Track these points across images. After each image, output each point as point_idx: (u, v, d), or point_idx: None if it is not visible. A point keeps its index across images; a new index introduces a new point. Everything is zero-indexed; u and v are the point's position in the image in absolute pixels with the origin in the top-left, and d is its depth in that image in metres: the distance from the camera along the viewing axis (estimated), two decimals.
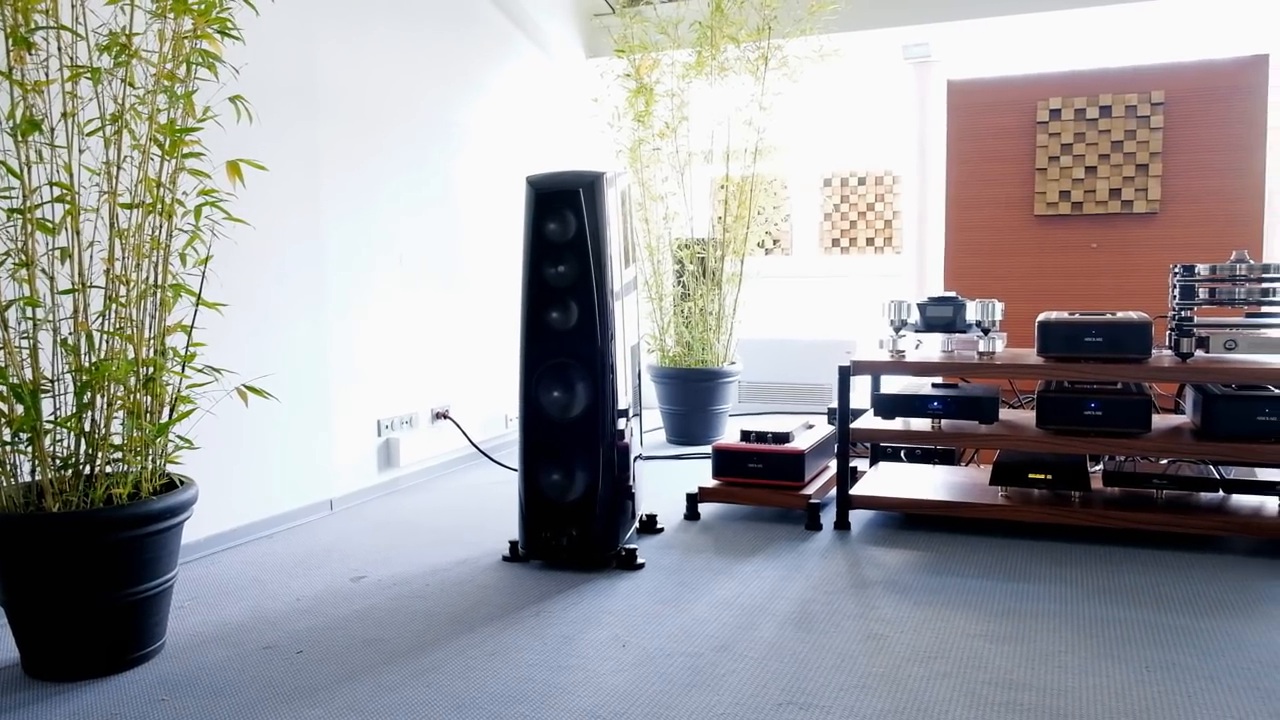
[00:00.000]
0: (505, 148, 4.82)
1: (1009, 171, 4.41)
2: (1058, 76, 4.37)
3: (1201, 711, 1.95)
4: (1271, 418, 2.95)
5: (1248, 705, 1.98)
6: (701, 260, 5.08)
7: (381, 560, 3.08)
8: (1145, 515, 3.11)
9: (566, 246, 2.90)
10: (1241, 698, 2.01)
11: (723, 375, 5.00)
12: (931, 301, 3.35)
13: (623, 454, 2.99)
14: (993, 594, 2.68)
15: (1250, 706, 1.97)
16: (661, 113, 5.05)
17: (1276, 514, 3.07)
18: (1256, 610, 2.53)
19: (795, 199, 6.34)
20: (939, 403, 3.29)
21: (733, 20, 4.79)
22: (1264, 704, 1.98)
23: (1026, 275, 4.38)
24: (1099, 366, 3.10)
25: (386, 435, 4.00)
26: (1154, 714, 1.94)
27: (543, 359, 2.94)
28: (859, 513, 3.47)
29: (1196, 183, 4.16)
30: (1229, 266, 3.09)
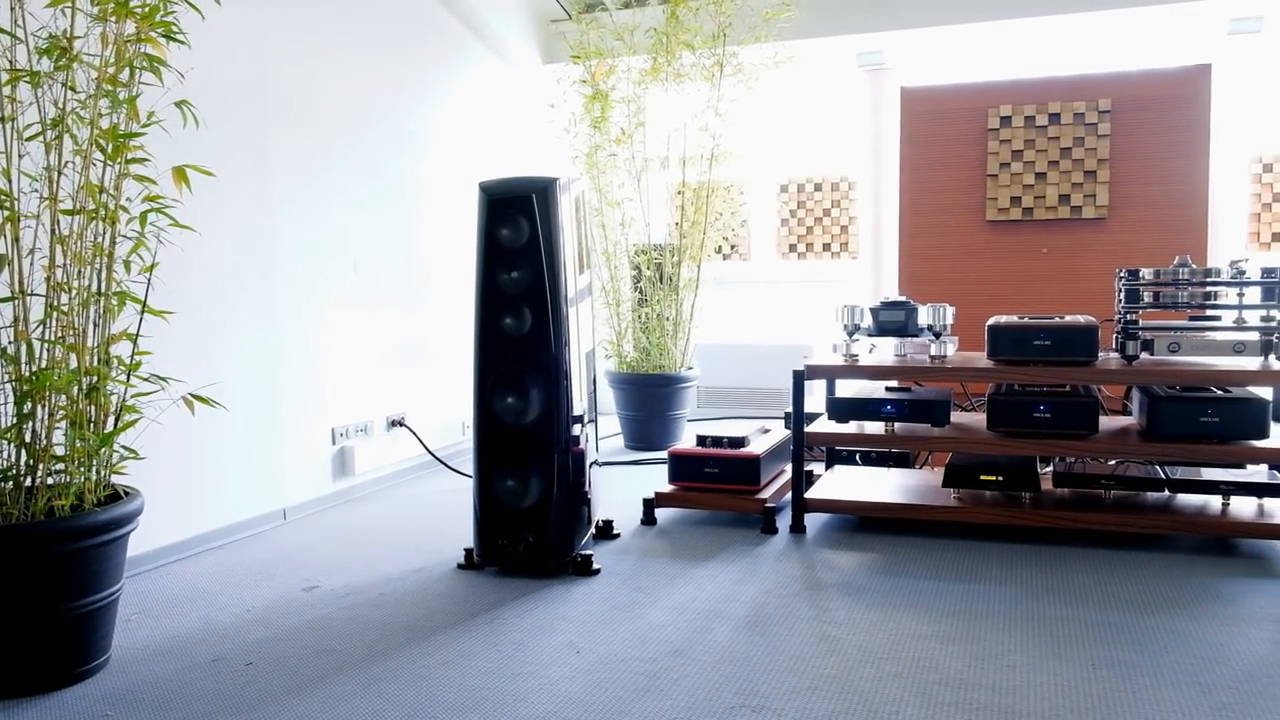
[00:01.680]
0: (462, 154, 4.80)
1: (961, 177, 4.47)
2: (1008, 84, 4.44)
3: (1145, 707, 1.98)
4: (1213, 418, 3.01)
5: (1190, 700, 2.01)
6: (658, 266, 5.09)
7: (335, 569, 3.05)
8: (1094, 515, 3.16)
9: (519, 252, 2.89)
10: (1184, 693, 2.05)
11: (680, 380, 5.01)
12: (884, 306, 3.39)
13: (578, 460, 2.98)
14: (945, 595, 2.71)
15: (1192, 701, 2.01)
16: (618, 119, 5.06)
17: (1219, 513, 3.14)
18: (1200, 607, 2.58)
19: (752, 204, 6.37)
20: (892, 406, 3.32)
21: (688, 27, 4.81)
22: (1205, 698, 2.02)
23: (979, 280, 4.44)
24: (1047, 369, 3.14)
25: (341, 443, 3.96)
26: (1099, 710, 1.97)
27: (496, 365, 2.93)
28: (814, 516, 3.50)
29: (1143, 189, 4.25)
30: (1172, 271, 3.15)
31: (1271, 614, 2.52)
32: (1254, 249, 5.55)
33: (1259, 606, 2.58)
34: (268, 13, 3.55)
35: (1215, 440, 3.04)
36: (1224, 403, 3.02)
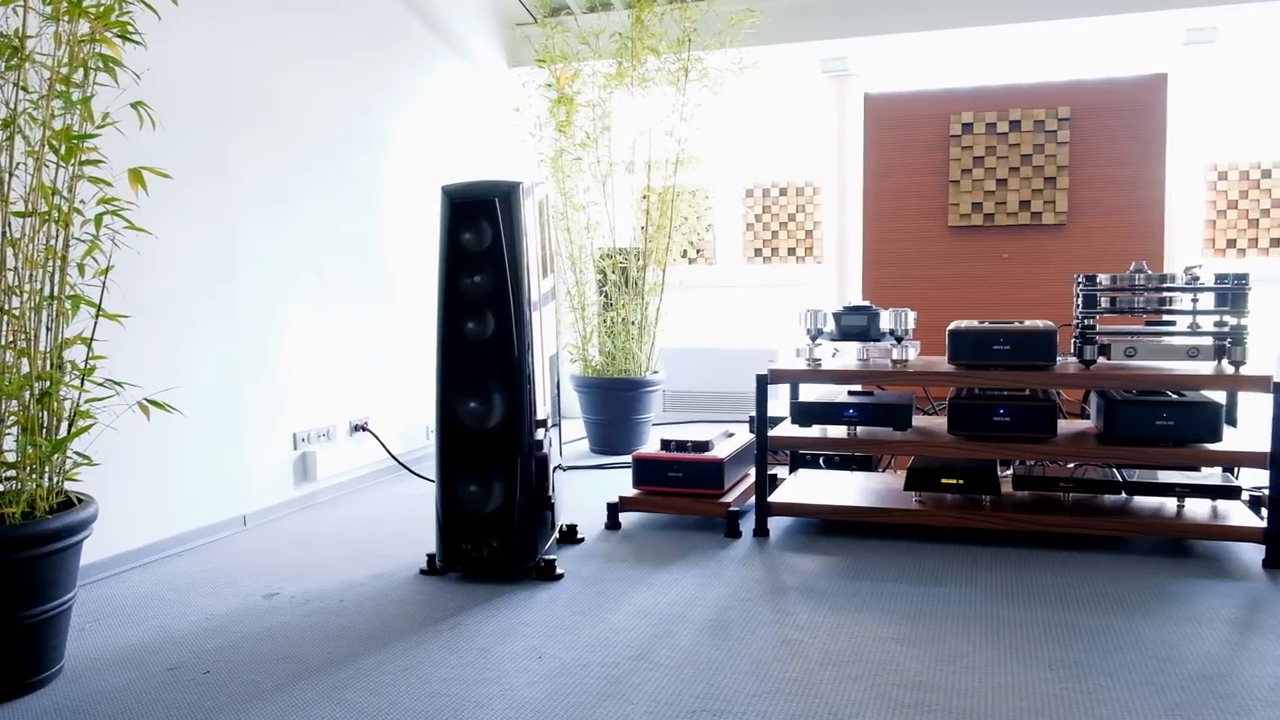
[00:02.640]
0: (427, 157, 4.78)
1: (924, 183, 4.50)
2: (970, 91, 4.48)
3: (1100, 707, 2.01)
4: (1169, 422, 3.06)
5: (1144, 700, 2.04)
6: (624, 270, 5.09)
7: (295, 576, 3.02)
8: (1053, 518, 3.19)
9: (483, 256, 2.88)
10: (1138, 692, 2.08)
11: (645, 385, 5.01)
12: (847, 310, 3.41)
13: (541, 464, 2.98)
14: (906, 597, 2.73)
15: (1146, 701, 2.04)
16: (583, 123, 5.06)
17: (1175, 515, 3.18)
18: (1154, 608, 2.62)
19: (718, 209, 6.39)
20: (854, 410, 3.34)
21: (653, 32, 4.82)
22: (1158, 698, 2.05)
23: (941, 285, 4.48)
24: (1007, 374, 3.18)
25: (303, 448, 3.92)
26: (1055, 711, 1.99)
27: (459, 369, 2.92)
28: (778, 519, 3.51)
29: (1101, 195, 4.30)
30: (1128, 276, 3.19)
31: (1223, 614, 2.56)
32: (1210, 255, 5.65)
33: (1211, 607, 2.62)
34: (228, 14, 3.51)
35: (1171, 443, 3.08)
36: (1179, 406, 3.07)
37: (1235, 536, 3.07)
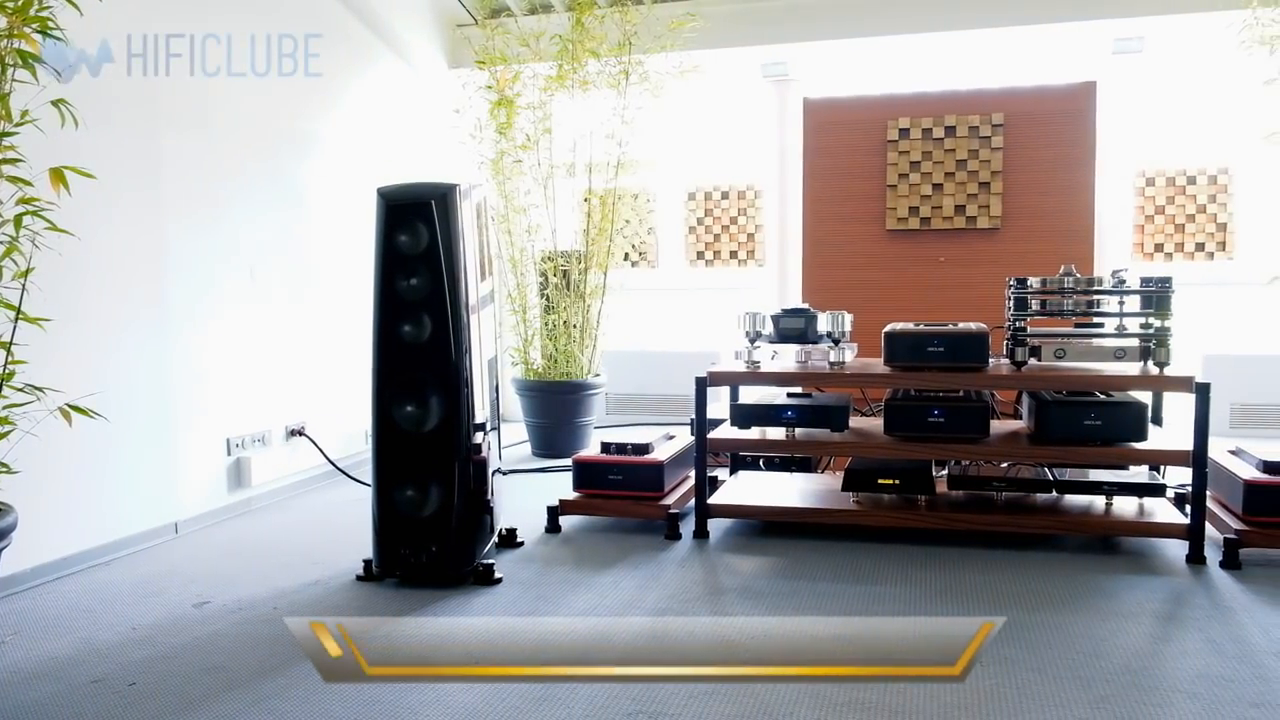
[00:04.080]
0: (366, 159, 4.72)
1: (862, 188, 4.56)
2: (908, 97, 4.55)
3: (1029, 701, 2.04)
4: (1096, 422, 3.13)
5: (1071, 693, 2.09)
6: (565, 273, 5.08)
7: (228, 584, 2.96)
8: (986, 517, 3.25)
9: (418, 259, 2.86)
10: (1065, 686, 2.12)
11: (587, 387, 5.00)
12: (784, 313, 3.43)
13: (480, 468, 2.95)
14: (842, 597, 2.75)
15: (1072, 694, 2.08)
16: (524, 125, 5.04)
17: (1103, 512, 3.26)
18: (1082, 604, 2.67)
19: (660, 212, 6.41)
20: (792, 412, 3.37)
21: (594, 34, 4.81)
22: (1084, 691, 2.09)
23: (880, 287, 4.53)
24: (941, 375, 3.23)
25: (237, 454, 3.85)
26: (985, 706, 2.02)
27: (395, 373, 2.89)
28: (718, 521, 3.52)
29: (1034, 200, 4.39)
30: (1058, 280, 3.26)
31: (1148, 608, 2.63)
32: (1138, 259, 5.80)
33: (1137, 602, 2.68)
34: (157, 9, 3.44)
35: (1099, 443, 3.15)
36: (1106, 407, 3.14)
37: (1161, 533, 3.15)
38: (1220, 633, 2.44)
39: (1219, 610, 2.61)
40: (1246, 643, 2.37)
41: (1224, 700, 2.05)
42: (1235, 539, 2.98)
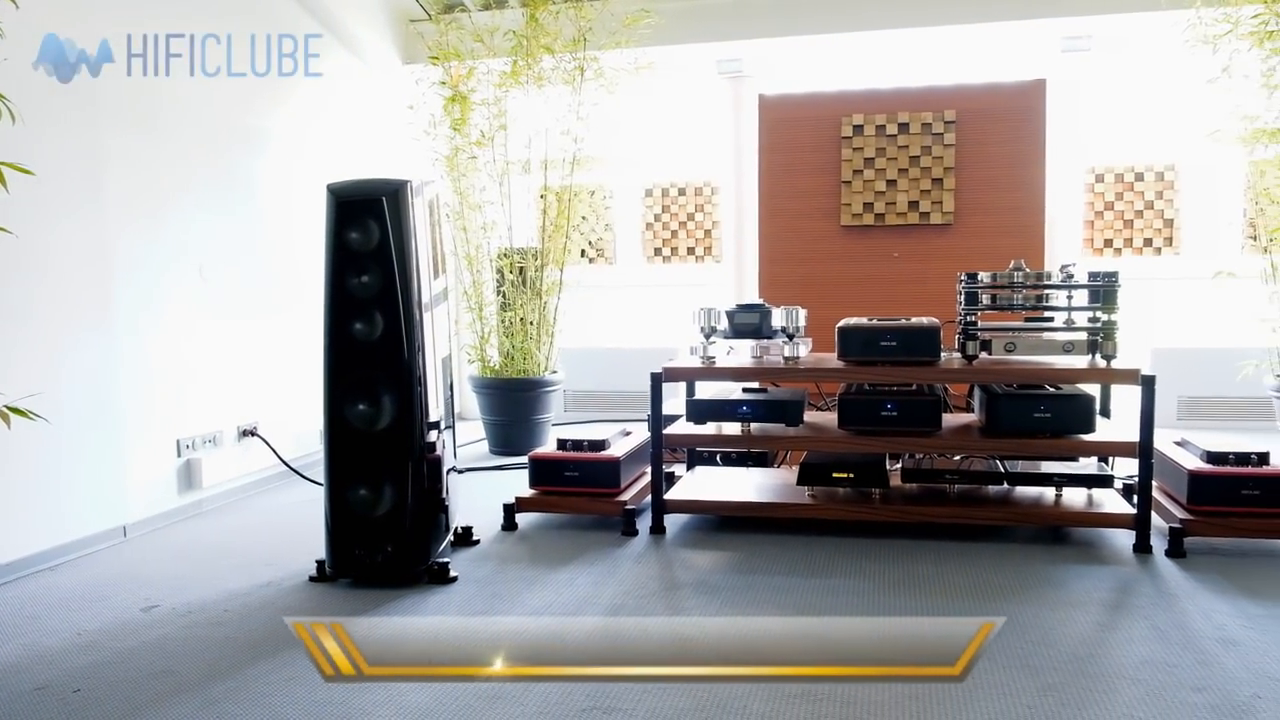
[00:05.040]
0: (319, 155, 4.66)
1: (817, 184, 4.58)
2: (862, 94, 4.58)
3: (978, 690, 2.07)
4: (1046, 414, 3.17)
5: (1019, 681, 2.11)
6: (521, 270, 5.06)
7: (178, 588, 2.91)
8: (939, 509, 3.29)
9: (369, 256, 2.83)
10: (1014, 675, 2.15)
11: (544, 385, 4.99)
12: (739, 309, 3.45)
13: (434, 466, 2.93)
14: (796, 590, 2.77)
15: (1021, 683, 2.11)
16: (478, 121, 5.01)
17: (1053, 504, 3.31)
18: (1031, 594, 2.71)
19: (617, 209, 6.40)
20: (747, 407, 3.38)
21: (548, 30, 4.79)
22: (1032, 679, 2.12)
23: (835, 283, 4.56)
24: (894, 369, 3.26)
25: (188, 455, 3.79)
26: (936, 696, 2.05)
27: (347, 371, 2.86)
28: (675, 516, 3.52)
29: (986, 196, 4.44)
30: (1007, 275, 3.30)
31: (1096, 598, 2.67)
32: (1088, 254, 5.89)
33: (1085, 591, 2.73)
34: (121, 7, 3.37)
35: (1048, 435, 3.19)
36: (1055, 399, 3.19)
37: (1108, 523, 3.20)
38: (1165, 620, 2.48)
39: (1164, 598, 2.66)
40: (1189, 629, 2.42)
41: (1167, 685, 2.09)
42: (1180, 528, 3.04)
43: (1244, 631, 2.40)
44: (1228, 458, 3.12)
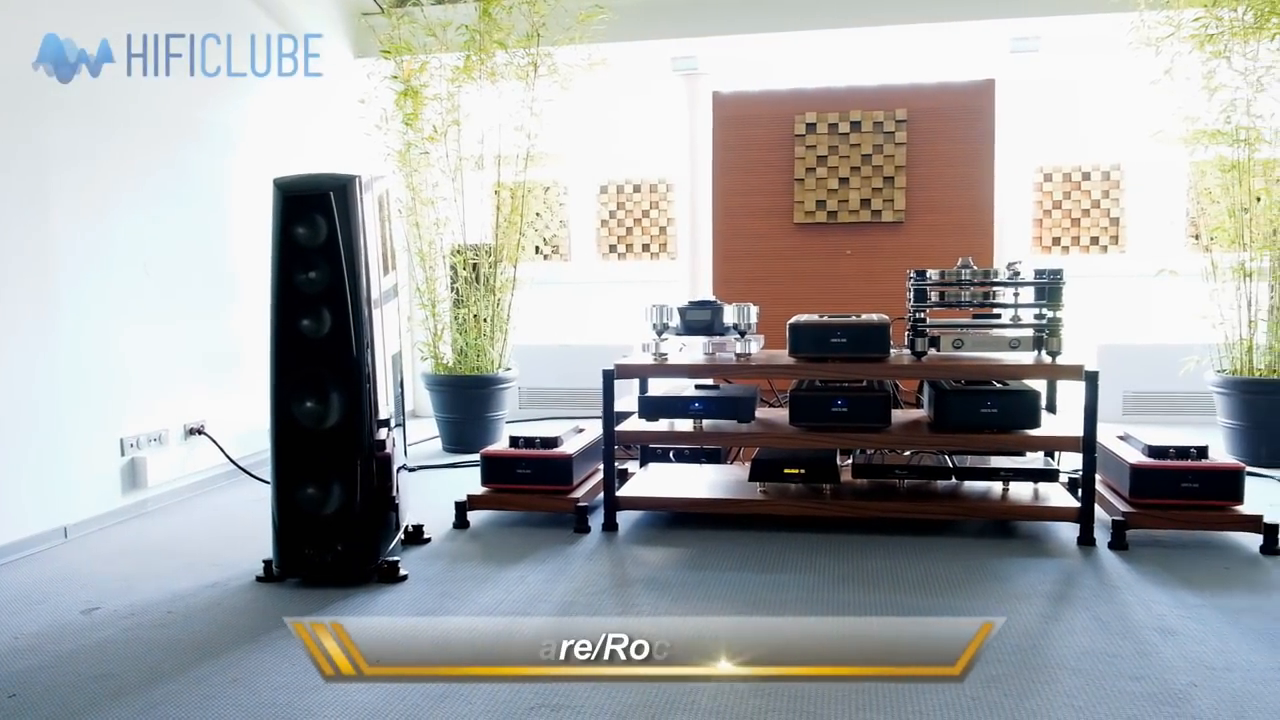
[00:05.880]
0: (269, 149, 4.59)
1: (771, 181, 4.60)
2: (815, 92, 4.60)
3: (923, 683, 2.09)
4: (993, 409, 3.22)
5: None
6: (475, 266, 5.03)
7: (120, 589, 2.86)
8: (889, 504, 3.32)
9: (317, 252, 2.79)
10: None
11: (498, 382, 4.96)
12: (691, 306, 3.45)
13: (384, 464, 2.91)
14: (747, 586, 2.78)
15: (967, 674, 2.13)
16: (431, 116, 4.97)
17: (1000, 498, 3.36)
18: (978, 587, 2.75)
19: (572, 205, 6.39)
20: (699, 404, 3.39)
21: (502, 26, 4.76)
22: (977, 671, 2.14)
23: (788, 280, 4.58)
24: (844, 366, 3.28)
25: (132, 454, 3.72)
26: (884, 689, 2.06)
27: (294, 368, 2.82)
28: (628, 514, 3.52)
29: (937, 194, 4.49)
30: (955, 272, 3.34)
31: (1040, 590, 2.72)
32: (1037, 252, 5.98)
33: (1030, 583, 2.77)
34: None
35: (995, 430, 3.24)
36: (1002, 395, 3.24)
37: (1054, 517, 3.25)
38: (1106, 611, 2.53)
39: (1105, 589, 2.71)
40: (1130, 620, 2.46)
41: (1106, 675, 2.13)
42: (1122, 521, 3.10)
43: (1182, 621, 2.45)
44: (1168, 452, 3.19)
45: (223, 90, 4.28)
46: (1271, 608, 2.55)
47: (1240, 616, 2.48)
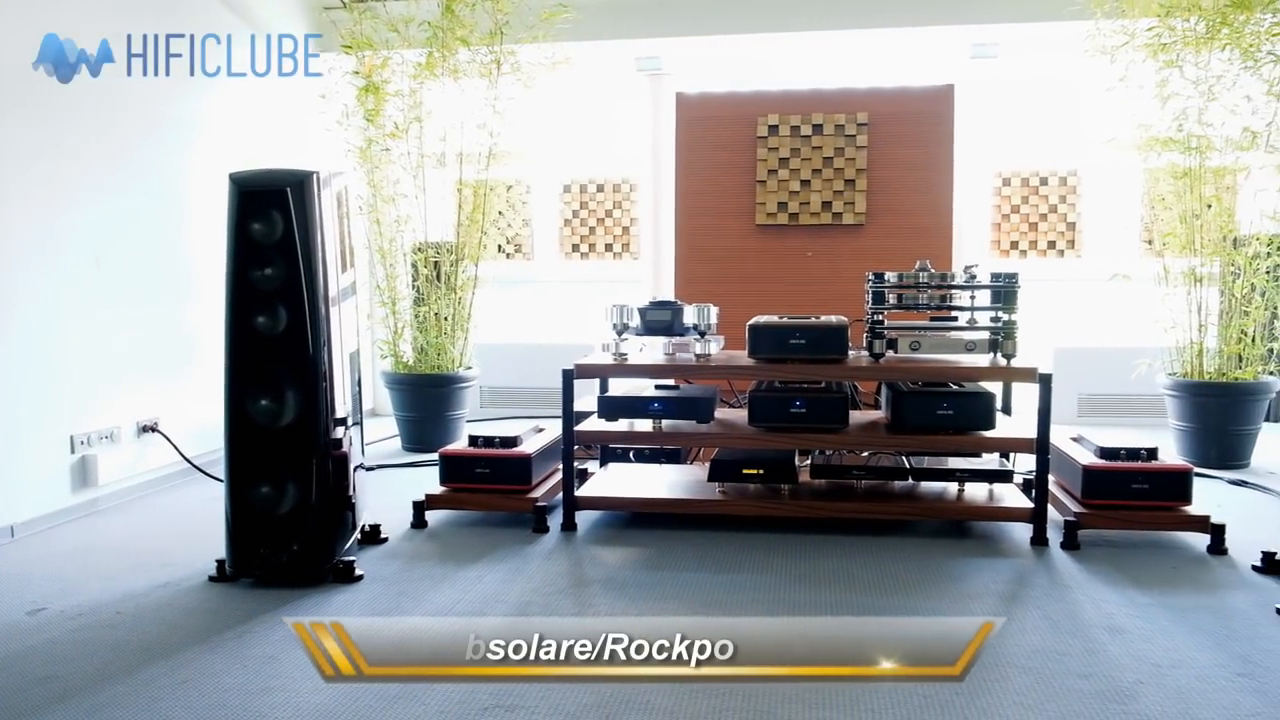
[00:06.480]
0: (224, 143, 4.53)
1: (733, 183, 4.62)
2: (778, 94, 4.63)
3: (874, 683, 2.11)
4: (949, 411, 3.25)
5: None
6: (436, 264, 5.00)
7: (68, 590, 2.81)
8: (847, 504, 3.35)
9: (273, 248, 2.76)
10: None
11: (459, 381, 4.94)
12: (651, 306, 3.46)
13: (340, 463, 2.88)
14: (704, 586, 2.79)
15: None
16: (392, 113, 4.93)
17: (956, 498, 3.39)
18: (933, 587, 2.78)
19: (535, 204, 6.37)
20: (658, 404, 3.39)
21: (465, 22, 4.74)
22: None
23: (750, 281, 4.59)
24: (802, 367, 3.30)
25: (82, 452, 3.65)
26: (837, 688, 2.08)
27: (250, 365, 2.79)
28: (587, 514, 3.52)
29: (896, 198, 4.53)
30: (913, 275, 3.37)
31: (993, 589, 2.75)
32: (995, 255, 6.05)
33: (983, 583, 2.80)
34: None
35: (951, 431, 3.27)
36: (957, 397, 3.27)
37: (1008, 517, 3.30)
38: (1057, 610, 2.57)
39: (1057, 589, 2.74)
40: (1079, 618, 2.50)
41: (1056, 673, 2.16)
42: (1074, 521, 3.14)
43: (1131, 620, 2.49)
44: (1119, 453, 3.24)
45: (183, 84, 4.21)
46: (1217, 606, 2.60)
47: (1187, 615, 2.53)
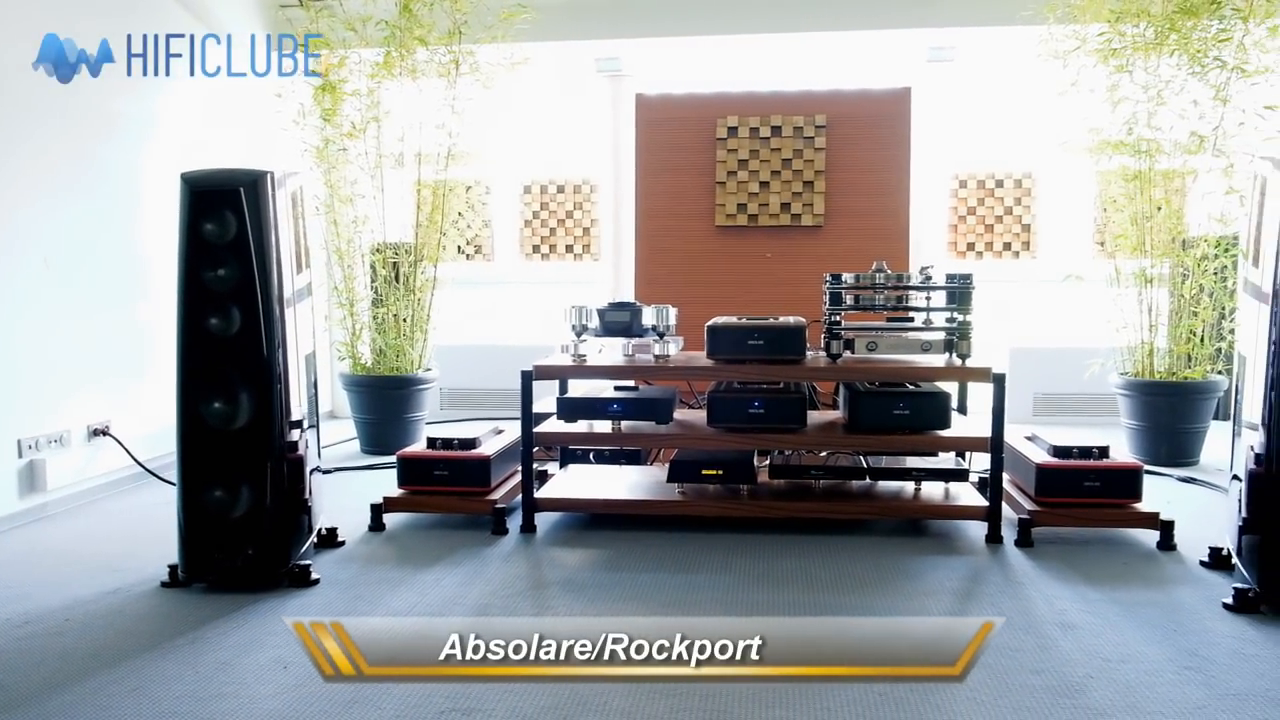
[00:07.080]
0: (177, 142, 4.46)
1: (693, 184, 4.63)
2: (738, 96, 4.65)
3: (827, 682, 2.12)
4: (905, 411, 3.28)
5: None
6: (395, 265, 4.96)
7: (14, 596, 2.75)
8: (805, 504, 3.37)
9: (226, 249, 2.73)
10: None
11: (418, 382, 4.90)
12: (610, 307, 3.46)
13: (295, 466, 2.85)
14: (663, 587, 2.80)
15: None
16: (350, 112, 4.89)
17: (912, 497, 3.43)
18: (889, 585, 2.81)
19: (495, 205, 6.35)
20: (618, 405, 3.39)
21: (423, 22, 4.71)
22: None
23: (710, 282, 4.61)
24: (761, 368, 3.32)
25: (30, 456, 3.58)
26: (796, 686, 2.09)
27: (202, 367, 2.75)
28: (547, 516, 3.51)
29: (854, 200, 4.57)
30: (869, 276, 3.40)
31: (948, 587, 2.78)
32: (952, 257, 6.12)
33: (939, 581, 2.83)
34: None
35: (907, 430, 3.31)
36: (913, 397, 3.30)
37: (963, 515, 3.34)
38: (1010, 606, 2.60)
39: (1011, 585, 2.78)
40: (1032, 615, 2.54)
41: (1009, 669, 2.19)
42: (1028, 519, 3.19)
43: (1082, 616, 2.53)
44: (1072, 452, 3.29)
45: (137, 82, 4.15)
46: (1166, 601, 2.65)
47: (1136, 610, 2.57)
